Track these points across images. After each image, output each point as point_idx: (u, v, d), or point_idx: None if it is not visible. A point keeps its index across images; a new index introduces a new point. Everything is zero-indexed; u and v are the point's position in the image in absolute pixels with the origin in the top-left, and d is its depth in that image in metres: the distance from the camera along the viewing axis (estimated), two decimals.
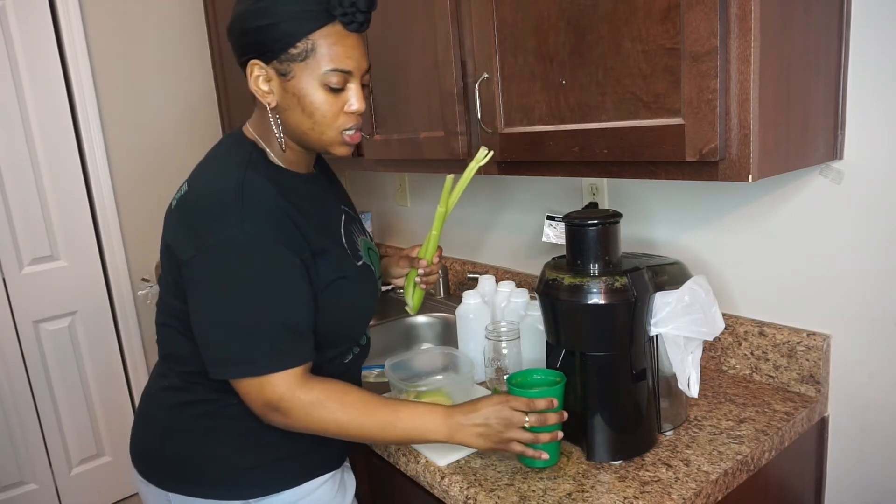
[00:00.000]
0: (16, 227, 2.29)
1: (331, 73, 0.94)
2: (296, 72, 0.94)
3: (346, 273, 1.02)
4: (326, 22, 0.92)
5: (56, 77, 2.31)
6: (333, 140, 1.00)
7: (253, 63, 0.95)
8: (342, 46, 0.94)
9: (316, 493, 1.08)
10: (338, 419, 0.95)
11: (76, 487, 2.50)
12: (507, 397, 0.98)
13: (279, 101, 0.97)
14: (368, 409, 0.96)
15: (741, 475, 1.01)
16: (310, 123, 0.97)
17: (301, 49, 0.92)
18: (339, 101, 0.97)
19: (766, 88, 0.87)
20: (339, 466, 1.14)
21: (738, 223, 1.26)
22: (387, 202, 2.35)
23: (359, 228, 1.16)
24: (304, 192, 1.03)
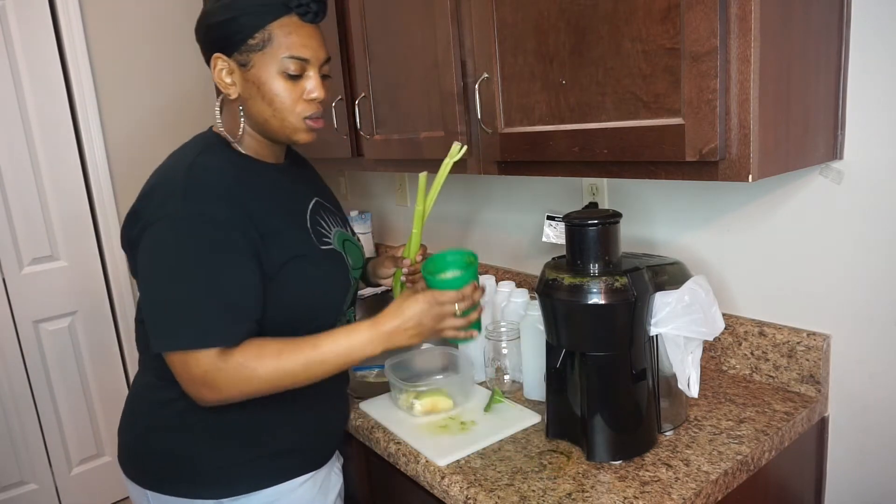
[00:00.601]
0: (16, 227, 2.29)
1: (288, 60, 0.99)
2: (255, 61, 0.99)
3: (304, 252, 1.03)
4: (283, 13, 0.98)
5: (56, 77, 2.31)
6: (295, 127, 1.03)
7: (216, 57, 1.01)
8: (298, 36, 0.99)
9: (295, 493, 1.08)
10: (262, 376, 0.94)
11: (76, 487, 2.51)
12: (434, 295, 1.00)
13: (241, 92, 1.02)
14: (288, 354, 0.96)
15: (741, 475, 1.01)
16: (270, 111, 1.01)
17: (259, 39, 0.98)
18: (298, 88, 1.01)
19: (766, 88, 0.87)
20: (321, 467, 1.14)
21: (738, 223, 1.26)
22: (387, 202, 2.35)
23: (337, 220, 1.18)
24: (266, 178, 1.06)
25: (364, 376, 1.60)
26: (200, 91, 2.60)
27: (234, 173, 1.01)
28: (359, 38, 1.55)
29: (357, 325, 1.00)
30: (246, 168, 1.04)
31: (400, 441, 1.16)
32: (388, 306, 1.02)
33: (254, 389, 0.95)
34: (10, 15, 2.19)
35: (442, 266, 1.09)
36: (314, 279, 1.05)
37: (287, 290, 1.01)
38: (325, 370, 0.98)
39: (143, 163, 2.49)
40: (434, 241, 2.12)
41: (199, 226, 0.94)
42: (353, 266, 1.15)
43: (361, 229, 2.34)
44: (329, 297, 1.09)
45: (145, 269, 0.96)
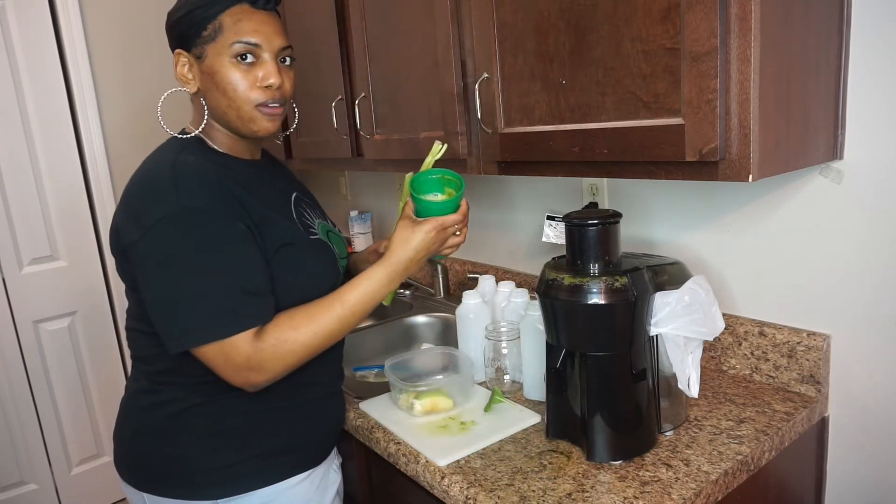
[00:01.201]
0: (16, 227, 2.29)
1: (237, 46, 0.99)
2: (208, 52, 1.00)
3: (294, 241, 1.04)
4: (233, 3, 0.99)
5: (56, 77, 2.31)
6: (251, 115, 1.02)
7: (177, 53, 1.03)
8: (248, 22, 1.00)
9: (291, 491, 1.08)
10: (302, 342, 0.97)
11: (76, 487, 2.51)
12: (438, 220, 1.05)
13: (200, 85, 1.03)
14: (319, 317, 0.99)
15: (741, 475, 1.01)
16: (226, 101, 1.02)
17: (210, 30, 0.99)
18: (251, 75, 1.01)
19: (766, 88, 0.87)
20: (318, 465, 1.14)
21: (738, 223, 1.26)
22: (387, 202, 2.35)
23: (318, 213, 1.19)
24: (246, 173, 1.07)
25: (364, 376, 1.60)
26: None
27: (216, 170, 1.01)
28: (359, 38, 1.55)
29: (372, 268, 1.04)
30: (224, 164, 1.05)
31: (400, 441, 1.16)
32: (393, 238, 1.06)
33: (299, 359, 0.98)
34: (10, 15, 2.20)
35: (431, 187, 1.12)
36: (305, 267, 1.05)
37: (279, 278, 1.01)
38: (358, 317, 1.02)
39: None
40: None
41: (197, 218, 0.94)
42: (339, 255, 1.16)
43: (361, 229, 2.34)
44: (320, 284, 1.09)
45: (153, 272, 0.95)
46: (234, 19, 0.99)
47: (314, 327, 0.98)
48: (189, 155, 1.02)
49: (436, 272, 1.98)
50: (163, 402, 1.04)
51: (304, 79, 1.88)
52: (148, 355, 1.05)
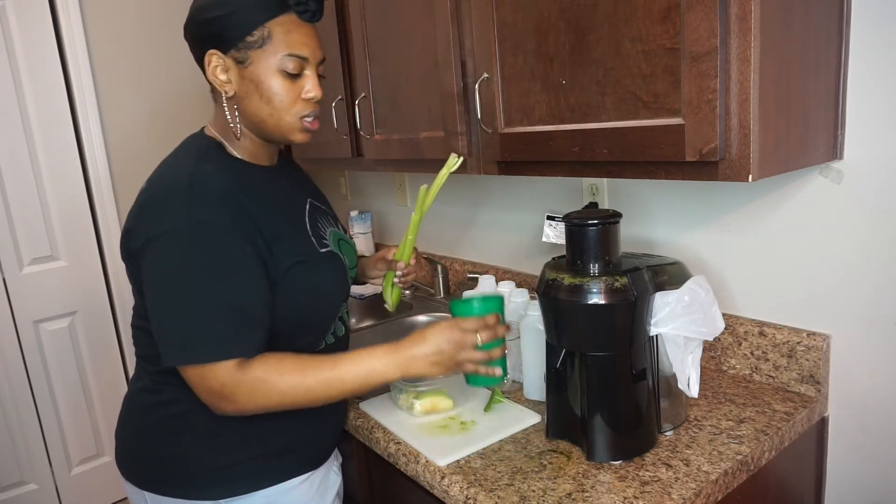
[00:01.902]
0: (16, 227, 2.29)
1: (287, 59, 0.98)
2: (253, 59, 0.98)
3: (306, 258, 1.03)
4: (281, 11, 0.97)
5: (56, 77, 2.31)
6: (292, 126, 1.02)
7: (211, 53, 0.99)
8: (297, 34, 0.98)
9: (291, 493, 1.08)
10: (281, 390, 0.94)
11: (76, 487, 2.51)
12: (456, 320, 1.00)
13: (237, 90, 1.00)
14: (308, 371, 0.95)
15: (741, 475, 1.01)
16: (268, 110, 1.00)
17: (258, 36, 0.96)
18: (296, 87, 1.00)
19: (766, 88, 0.87)
20: (319, 466, 1.14)
21: (738, 223, 1.26)
22: (387, 202, 2.35)
23: (330, 221, 1.18)
24: (263, 182, 1.05)
25: None
26: (201, 91, 2.59)
27: (233, 179, 1.00)
28: (359, 38, 1.55)
29: (377, 347, 0.99)
30: (243, 173, 1.04)
31: (400, 441, 1.16)
32: (412, 333, 1.01)
33: (272, 404, 0.95)
34: (10, 15, 2.20)
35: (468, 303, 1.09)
36: (316, 284, 1.05)
37: (290, 295, 1.01)
38: (342, 390, 0.97)
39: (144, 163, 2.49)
40: (434, 240, 2.12)
41: (206, 235, 0.93)
42: (349, 266, 1.15)
43: (361, 229, 2.34)
44: (330, 299, 1.09)
45: (155, 282, 0.95)
46: (284, 29, 0.97)
47: (298, 380, 0.95)
48: (208, 163, 1.00)
49: (436, 272, 1.98)
50: (165, 401, 1.04)
51: None
52: (152, 355, 1.04)
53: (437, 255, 2.10)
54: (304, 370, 0.95)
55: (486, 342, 0.99)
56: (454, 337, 0.98)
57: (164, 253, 0.93)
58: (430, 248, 2.15)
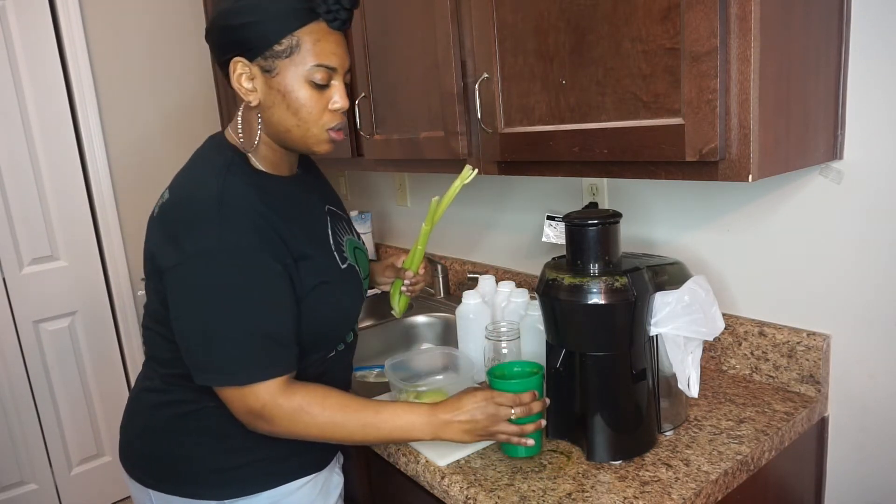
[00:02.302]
0: (16, 227, 2.29)
1: (315, 70, 0.94)
2: (280, 68, 0.94)
3: (329, 278, 1.03)
4: (311, 20, 0.93)
5: (56, 77, 2.31)
6: (318, 138, 1.00)
7: (236, 61, 0.95)
8: (327, 43, 0.95)
9: (295, 495, 1.08)
10: (319, 423, 0.96)
11: (76, 487, 2.51)
12: (492, 393, 1.00)
13: (262, 99, 0.97)
14: (350, 412, 0.97)
15: (741, 475, 1.01)
16: (295, 121, 0.97)
17: (286, 46, 0.93)
18: (324, 98, 0.97)
19: (766, 88, 0.87)
20: (322, 469, 1.14)
21: (738, 223, 1.26)
22: (387, 202, 2.35)
23: (345, 227, 1.17)
24: (287, 196, 1.04)
25: (364, 376, 1.60)
26: (201, 91, 2.60)
27: (259, 196, 0.97)
28: (359, 38, 1.55)
29: (418, 405, 1.00)
30: (267, 189, 1.01)
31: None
32: (450, 397, 1.03)
33: (307, 434, 0.97)
34: (10, 15, 2.19)
35: (508, 371, 1.10)
36: (336, 302, 1.05)
37: (313, 313, 1.01)
38: (377, 438, 0.99)
39: (144, 163, 2.51)
40: (434, 240, 2.12)
41: (238, 257, 0.91)
42: (364, 276, 1.15)
43: (361, 229, 2.34)
44: (348, 314, 1.10)
45: (187, 302, 0.93)
46: (313, 38, 0.93)
47: (339, 418, 0.96)
48: (235, 178, 0.97)
49: (436, 272, 1.98)
50: (173, 401, 1.04)
51: None
52: (165, 357, 1.04)
53: (437, 255, 2.10)
54: (346, 410, 0.97)
55: (520, 417, 0.99)
56: (489, 410, 0.98)
57: (197, 273, 0.92)
58: (430, 248, 2.15)
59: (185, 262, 0.92)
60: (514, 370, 1.09)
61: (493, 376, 1.06)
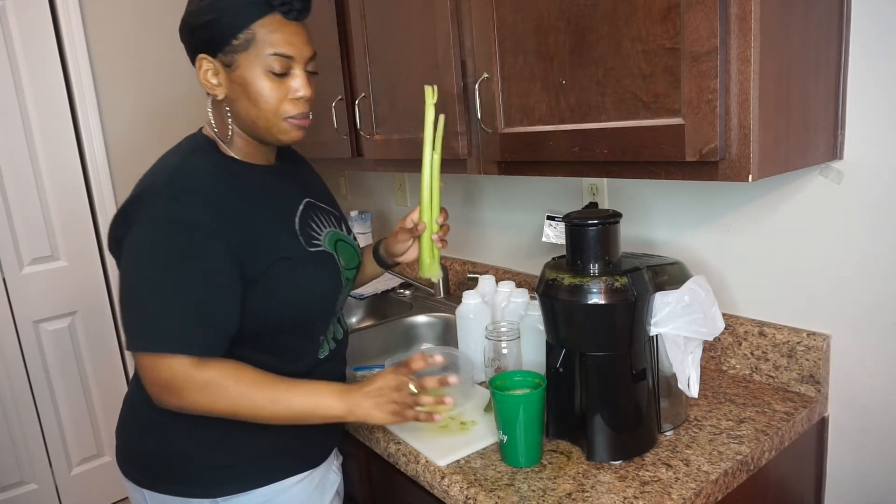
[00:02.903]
0: (16, 227, 2.29)
1: (272, 59, 0.98)
2: (239, 61, 0.98)
3: (289, 255, 1.03)
4: (266, 12, 0.97)
5: (56, 77, 2.31)
6: (280, 127, 1.02)
7: (201, 58, 1.00)
8: (282, 33, 0.98)
9: (289, 492, 1.09)
10: (230, 397, 0.95)
11: (76, 487, 2.51)
12: (398, 367, 1.03)
13: (227, 93, 1.01)
14: (261, 386, 0.96)
15: (741, 475, 1.01)
16: (256, 111, 1.01)
17: (242, 39, 0.97)
18: (284, 87, 1.00)
19: (766, 88, 0.87)
20: (318, 465, 1.14)
21: (738, 223, 1.26)
22: (387, 202, 2.35)
23: (329, 221, 1.17)
24: (253, 180, 1.06)
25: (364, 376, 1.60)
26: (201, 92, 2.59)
27: (220, 176, 1.01)
28: (359, 38, 1.55)
29: (332, 384, 1.01)
30: (234, 171, 1.04)
31: (400, 441, 1.16)
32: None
33: (217, 409, 0.96)
34: (10, 15, 2.20)
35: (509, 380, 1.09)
36: (300, 281, 1.04)
37: (273, 293, 1.01)
38: (287, 413, 0.98)
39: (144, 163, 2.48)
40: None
41: (179, 230, 0.94)
42: (345, 266, 1.14)
43: (361, 229, 2.34)
44: (318, 298, 1.08)
45: (125, 268, 0.97)
46: (268, 30, 0.97)
47: (248, 392, 0.95)
48: (197, 159, 1.02)
49: None
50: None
51: None
52: None
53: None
54: (258, 384, 0.96)
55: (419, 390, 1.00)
56: (391, 382, 1.01)
57: (139, 240, 0.95)
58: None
59: (131, 231, 0.96)
60: (514, 380, 1.09)
61: (494, 387, 1.06)
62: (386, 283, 2.13)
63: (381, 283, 2.14)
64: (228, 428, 1.03)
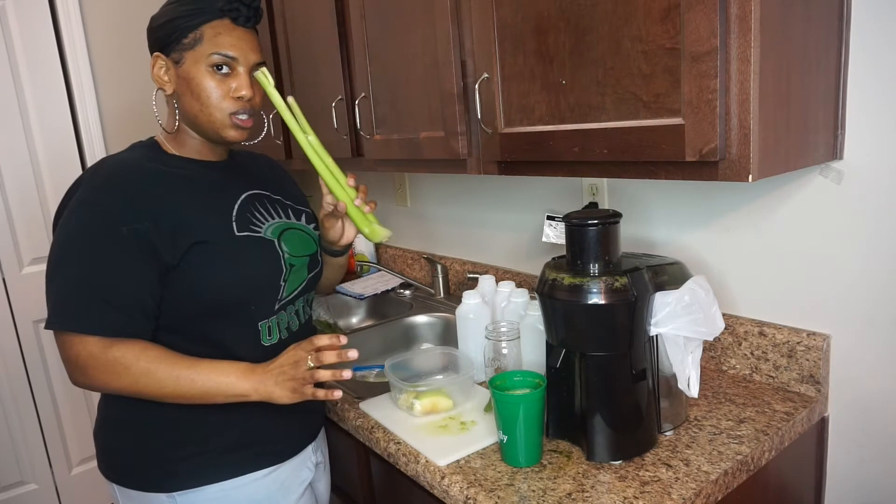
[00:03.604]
0: (16, 227, 2.29)
1: (214, 57, 1.05)
2: (186, 58, 1.06)
3: (209, 238, 1.04)
4: (216, 17, 1.06)
5: (56, 77, 2.31)
6: (222, 123, 1.07)
7: (156, 56, 1.10)
8: (229, 37, 1.06)
9: (249, 487, 1.09)
10: (133, 373, 0.98)
11: (76, 487, 2.51)
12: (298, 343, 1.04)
13: (175, 88, 1.09)
14: (164, 363, 0.99)
15: (741, 475, 1.01)
16: (199, 106, 1.07)
17: (191, 38, 1.06)
18: (225, 85, 1.06)
19: (765, 88, 0.87)
20: (284, 461, 1.14)
21: (738, 223, 1.26)
22: (387, 202, 2.35)
23: (280, 212, 1.18)
24: (191, 175, 1.10)
25: (364, 376, 1.60)
26: None
27: (150, 169, 1.06)
28: (359, 38, 1.55)
29: (236, 363, 1.03)
30: (169, 165, 1.09)
31: (400, 441, 1.16)
32: None
33: (121, 386, 0.99)
34: (10, 15, 2.20)
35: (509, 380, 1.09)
36: (223, 264, 1.04)
37: (192, 277, 1.02)
38: (191, 390, 1.00)
39: None
40: (434, 240, 2.12)
41: (93, 215, 1.00)
42: (291, 252, 1.13)
43: None
44: (252, 281, 1.07)
45: (51, 249, 1.02)
46: (214, 32, 1.05)
47: (152, 368, 0.98)
48: (130, 154, 1.09)
49: (436, 272, 1.98)
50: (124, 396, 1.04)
51: (304, 79, 1.88)
52: None
53: (437, 255, 2.10)
54: (161, 361, 0.99)
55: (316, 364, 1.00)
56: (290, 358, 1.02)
57: (63, 224, 1.01)
58: (430, 248, 2.15)
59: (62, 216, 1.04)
60: (514, 380, 1.09)
61: (494, 387, 1.06)
62: (386, 283, 2.13)
63: (381, 283, 2.14)
64: (184, 422, 1.04)
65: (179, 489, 1.06)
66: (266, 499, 1.11)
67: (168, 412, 1.03)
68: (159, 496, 1.06)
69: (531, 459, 1.04)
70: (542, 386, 1.04)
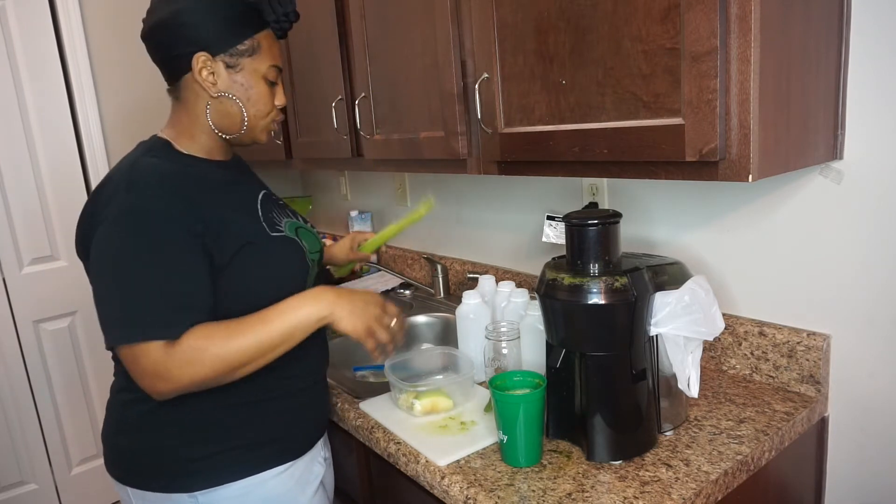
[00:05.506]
0: (16, 227, 2.29)
1: (272, 69, 1.10)
2: (244, 65, 1.07)
3: (254, 239, 1.05)
4: (263, 27, 1.09)
5: (56, 77, 2.31)
6: (262, 128, 1.13)
7: (199, 55, 1.05)
8: (277, 48, 1.12)
9: (269, 483, 1.09)
10: (214, 354, 0.95)
11: (76, 487, 2.51)
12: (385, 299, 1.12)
13: (224, 91, 1.07)
14: (237, 331, 0.98)
15: (741, 475, 1.01)
16: (252, 110, 1.10)
17: (248, 46, 1.07)
18: (272, 94, 1.12)
19: (765, 88, 0.87)
20: (300, 457, 1.14)
21: (738, 223, 1.26)
22: (387, 202, 2.35)
23: (285, 212, 1.20)
24: (210, 173, 1.10)
25: (364, 376, 1.60)
26: None
27: (176, 170, 1.05)
28: (359, 38, 1.55)
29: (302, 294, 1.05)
30: (190, 166, 1.08)
31: (400, 441, 1.16)
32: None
33: (207, 371, 0.95)
34: (10, 15, 2.20)
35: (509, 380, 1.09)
36: (267, 265, 1.06)
37: (242, 278, 1.03)
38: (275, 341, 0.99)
39: None
40: (434, 240, 2.12)
41: (146, 219, 0.97)
42: (309, 250, 1.16)
43: (361, 229, 2.34)
44: (287, 281, 1.10)
45: (94, 265, 1.00)
46: (268, 42, 1.09)
47: (230, 341, 0.96)
48: (150, 157, 1.06)
49: (436, 272, 1.98)
50: (140, 398, 1.04)
51: (304, 79, 1.88)
52: None
53: (437, 255, 2.10)
54: (232, 330, 0.98)
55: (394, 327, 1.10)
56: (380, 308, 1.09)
57: (106, 239, 0.97)
58: (430, 248, 2.15)
59: (100, 230, 0.98)
60: (514, 380, 1.09)
61: (494, 387, 1.06)
62: (386, 283, 2.13)
63: (381, 283, 2.14)
64: (204, 421, 1.04)
65: (202, 488, 1.05)
66: (285, 494, 1.12)
67: (186, 412, 1.03)
68: (181, 496, 1.05)
69: (531, 459, 1.04)
70: (542, 386, 1.04)
